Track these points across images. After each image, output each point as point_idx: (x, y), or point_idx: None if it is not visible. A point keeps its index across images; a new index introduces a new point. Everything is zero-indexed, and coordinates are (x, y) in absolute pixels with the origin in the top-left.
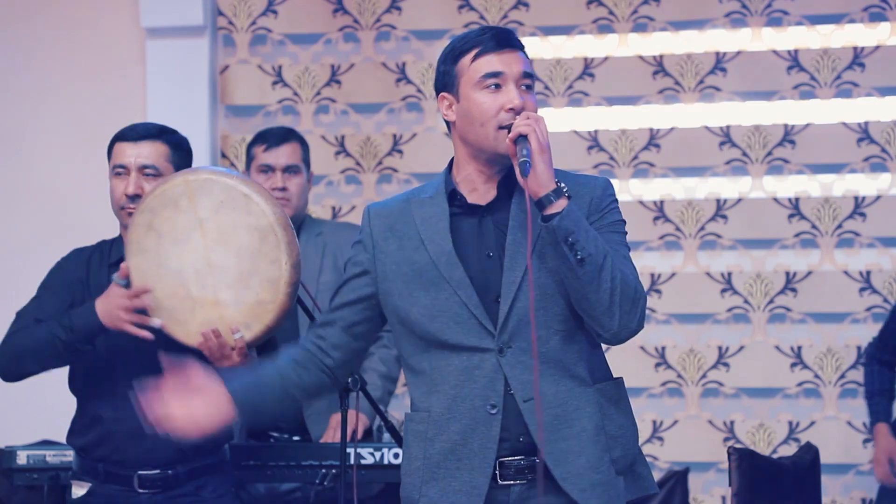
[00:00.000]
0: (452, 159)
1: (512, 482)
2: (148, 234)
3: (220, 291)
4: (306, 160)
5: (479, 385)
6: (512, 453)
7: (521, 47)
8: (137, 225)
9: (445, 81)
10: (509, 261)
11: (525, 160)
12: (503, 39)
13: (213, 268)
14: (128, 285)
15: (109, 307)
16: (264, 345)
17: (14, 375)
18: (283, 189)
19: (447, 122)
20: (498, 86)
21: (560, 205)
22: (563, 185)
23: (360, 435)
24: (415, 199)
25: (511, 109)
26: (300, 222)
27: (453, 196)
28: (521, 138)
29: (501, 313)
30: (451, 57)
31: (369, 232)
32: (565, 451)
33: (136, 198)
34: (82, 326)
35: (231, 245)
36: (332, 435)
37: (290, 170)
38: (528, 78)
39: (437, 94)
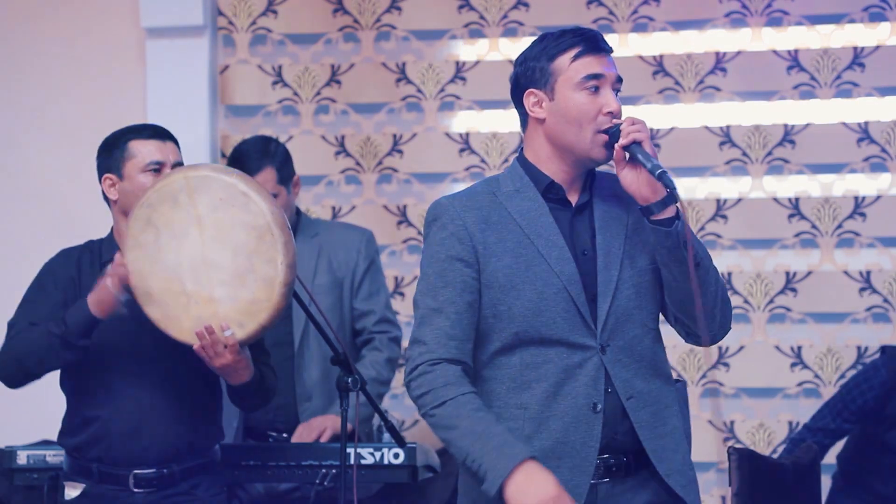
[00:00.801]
0: (521, 155)
1: (600, 480)
2: (146, 229)
3: (215, 288)
4: (285, 177)
5: (580, 383)
6: (604, 450)
7: (612, 51)
8: (136, 219)
9: (536, 78)
10: (603, 260)
11: (663, 171)
12: (600, 42)
13: (209, 265)
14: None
15: (95, 292)
16: (254, 345)
17: (18, 381)
18: None
19: (526, 118)
20: (596, 88)
21: (672, 209)
22: (673, 189)
23: (325, 438)
24: (500, 192)
25: (609, 113)
26: (294, 225)
27: (549, 189)
28: (636, 145)
29: (601, 312)
30: (547, 55)
31: (462, 224)
32: (665, 448)
33: None
34: (74, 319)
35: (228, 243)
36: (307, 435)
37: None
38: (619, 82)
39: (522, 89)
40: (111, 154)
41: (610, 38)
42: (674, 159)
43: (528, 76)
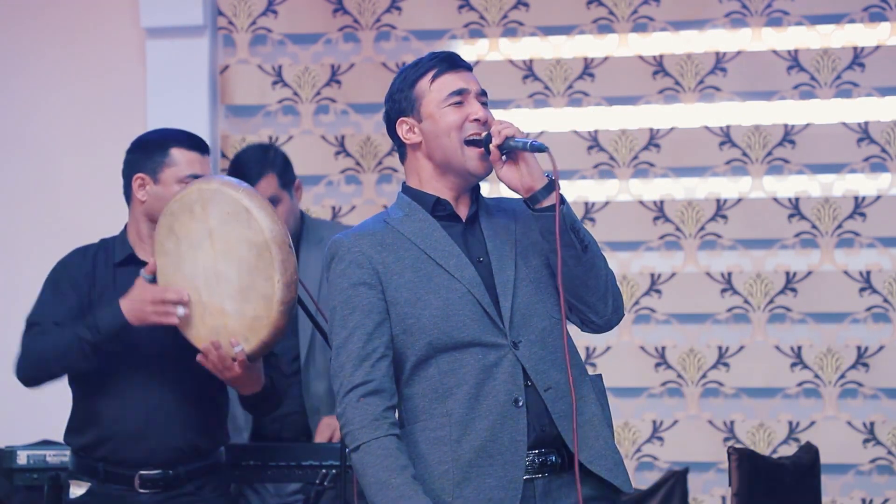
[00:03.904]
0: (404, 185)
1: (535, 475)
2: (169, 237)
3: (225, 301)
4: (286, 182)
5: (499, 381)
6: (535, 445)
7: (471, 68)
8: (161, 227)
9: (403, 107)
10: (497, 264)
11: (533, 141)
12: (456, 60)
13: (219, 277)
14: (153, 281)
15: (133, 304)
16: (269, 353)
17: (37, 381)
18: None
19: (403, 148)
20: (460, 103)
21: (555, 196)
22: (551, 176)
23: (337, 437)
24: (390, 220)
25: (476, 120)
26: (300, 228)
27: (436, 207)
28: (507, 141)
29: (504, 310)
30: (407, 83)
31: (359, 251)
32: (584, 437)
33: None
34: (108, 326)
35: (234, 257)
36: (325, 436)
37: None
38: (484, 95)
39: (394, 122)
40: (150, 156)
41: (610, 38)
42: (674, 159)
43: (396, 108)
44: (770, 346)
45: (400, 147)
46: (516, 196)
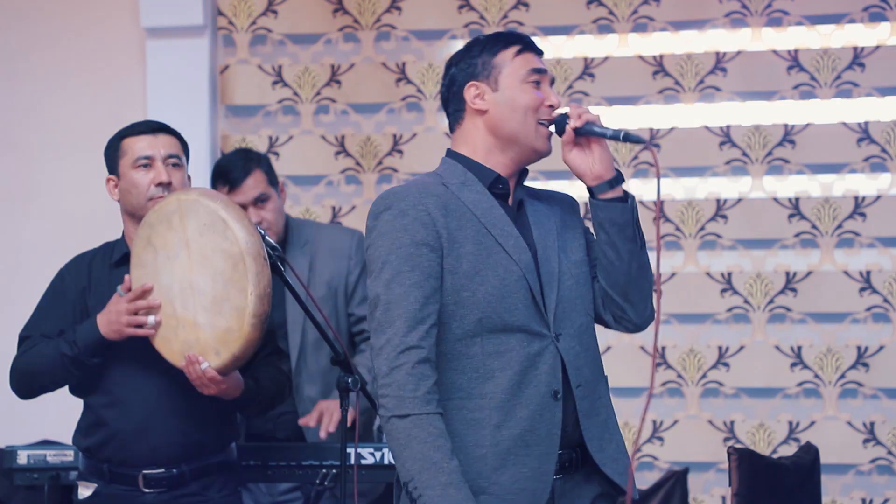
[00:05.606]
0: (452, 152)
1: (557, 475)
2: (147, 249)
3: (198, 314)
4: (273, 180)
5: (541, 371)
6: (560, 444)
7: (543, 53)
8: (139, 238)
9: (476, 71)
10: (542, 253)
11: (626, 131)
12: (534, 44)
13: (194, 289)
14: None
15: (109, 317)
16: (266, 344)
17: (30, 394)
18: (260, 222)
19: (462, 113)
20: (538, 83)
21: (619, 190)
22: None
23: (349, 423)
24: (451, 184)
25: (550, 106)
26: (286, 232)
27: (494, 184)
28: (589, 124)
29: (549, 301)
30: (489, 49)
31: (424, 209)
32: (601, 437)
33: (167, 186)
34: (85, 341)
35: (209, 269)
36: (314, 419)
37: (259, 200)
38: (553, 83)
39: (461, 85)
40: (109, 155)
41: (610, 38)
42: (674, 159)
43: (468, 71)
44: (770, 346)
45: (456, 111)
46: (549, 188)
